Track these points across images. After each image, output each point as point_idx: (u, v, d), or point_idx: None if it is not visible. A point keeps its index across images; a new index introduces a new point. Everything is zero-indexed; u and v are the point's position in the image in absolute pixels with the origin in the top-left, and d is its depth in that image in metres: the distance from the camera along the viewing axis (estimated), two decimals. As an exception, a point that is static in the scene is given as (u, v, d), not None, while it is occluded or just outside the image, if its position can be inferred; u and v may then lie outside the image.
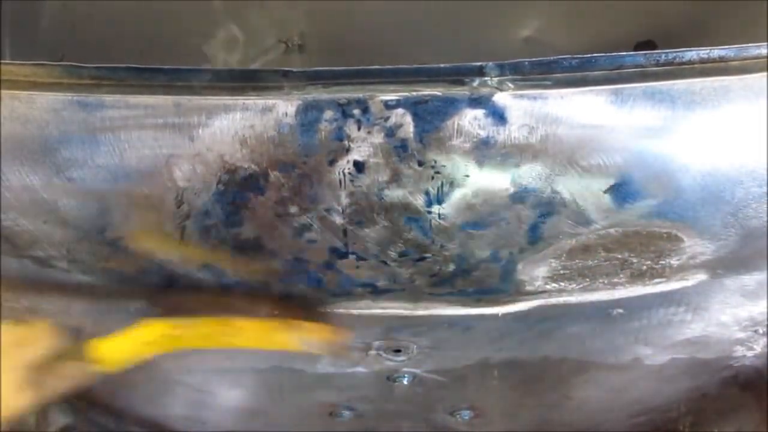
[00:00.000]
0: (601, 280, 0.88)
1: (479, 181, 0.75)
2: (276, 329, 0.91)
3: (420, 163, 0.74)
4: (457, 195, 0.76)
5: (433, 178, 0.75)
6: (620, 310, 0.96)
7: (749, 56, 0.72)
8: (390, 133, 0.72)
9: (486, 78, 0.71)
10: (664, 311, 0.99)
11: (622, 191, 0.76)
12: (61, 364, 0.86)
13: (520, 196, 0.76)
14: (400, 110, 0.71)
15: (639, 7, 1.62)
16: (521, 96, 0.71)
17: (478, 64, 0.71)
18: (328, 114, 0.72)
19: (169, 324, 0.91)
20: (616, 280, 0.88)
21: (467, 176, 0.74)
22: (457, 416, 1.29)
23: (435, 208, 0.77)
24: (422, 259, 0.82)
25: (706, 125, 0.73)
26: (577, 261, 0.84)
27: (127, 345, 0.89)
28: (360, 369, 1.11)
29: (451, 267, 0.83)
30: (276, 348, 0.94)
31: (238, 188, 0.76)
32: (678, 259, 0.85)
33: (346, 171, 0.74)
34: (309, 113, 0.72)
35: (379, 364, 1.09)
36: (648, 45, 1.64)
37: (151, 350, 0.91)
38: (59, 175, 0.77)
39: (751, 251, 0.87)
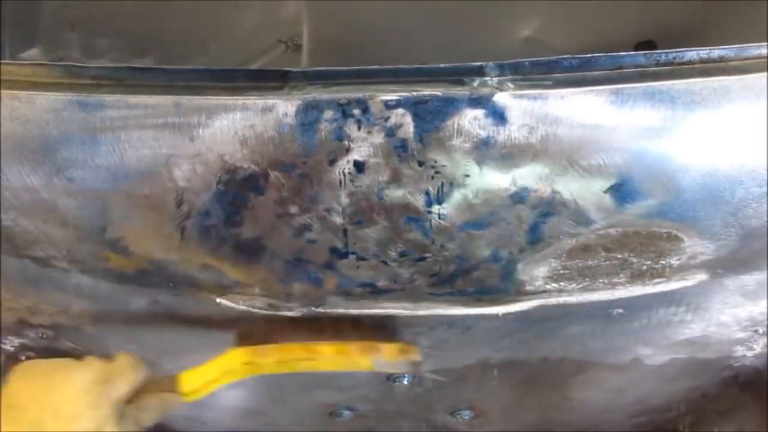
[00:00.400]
0: (601, 280, 0.88)
1: (479, 181, 0.75)
2: (353, 352, 0.93)
3: (420, 163, 0.74)
4: (457, 195, 0.76)
5: (433, 178, 0.75)
6: (620, 310, 0.96)
7: (749, 56, 0.72)
8: (390, 133, 0.72)
9: (486, 78, 0.71)
10: (664, 311, 0.98)
11: (622, 191, 0.76)
12: (147, 397, 0.86)
13: (520, 196, 0.76)
14: (400, 110, 0.71)
15: (639, 7, 1.62)
16: (521, 96, 0.71)
17: (478, 64, 0.71)
18: (328, 114, 0.72)
19: (252, 352, 0.92)
20: (616, 280, 0.88)
21: (467, 176, 0.74)
22: (457, 416, 1.29)
23: (435, 208, 0.77)
24: (422, 259, 0.82)
25: (706, 125, 0.73)
26: (577, 261, 0.84)
27: (211, 374, 0.90)
28: (360, 369, 1.11)
29: (451, 267, 0.83)
30: (353, 369, 0.96)
31: (238, 188, 0.76)
32: (678, 259, 0.85)
33: (346, 171, 0.74)
34: (309, 113, 0.72)
35: (379, 364, 1.09)
36: (648, 45, 1.64)
37: (233, 378, 0.92)
38: (59, 175, 0.77)
39: (751, 251, 0.87)
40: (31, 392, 0.81)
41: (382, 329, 0.94)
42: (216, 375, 0.90)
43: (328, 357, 0.93)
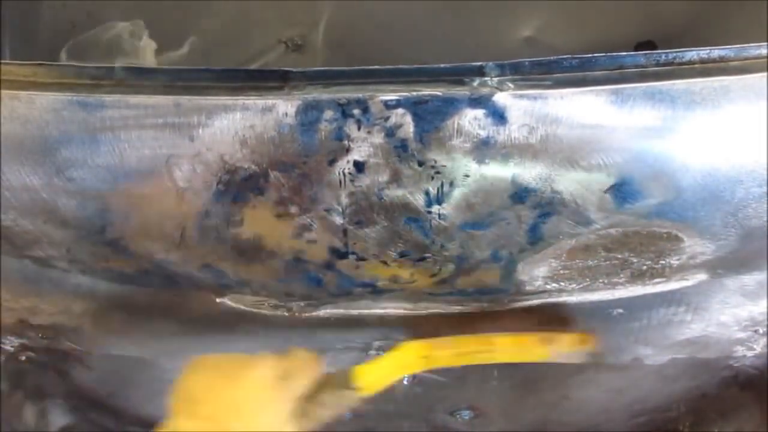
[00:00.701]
0: (601, 280, 0.88)
1: (479, 181, 0.75)
2: (532, 343, 0.92)
3: (420, 163, 0.74)
4: (457, 195, 0.76)
5: (433, 178, 0.75)
6: (620, 310, 0.96)
7: (749, 56, 0.72)
8: (390, 133, 0.72)
9: (486, 78, 0.71)
10: (664, 311, 0.99)
11: (622, 191, 0.76)
12: (326, 393, 0.85)
13: (520, 196, 0.76)
14: (400, 110, 0.71)
15: (639, 7, 1.62)
16: (521, 96, 0.71)
17: (478, 64, 0.71)
18: (328, 114, 0.72)
19: (428, 345, 0.91)
20: (616, 280, 0.88)
21: (467, 176, 0.74)
22: (457, 416, 1.29)
23: (435, 208, 0.77)
24: (422, 259, 0.82)
25: (706, 125, 0.73)
26: (577, 261, 0.84)
27: (387, 369, 0.89)
28: (360, 369, 1.11)
29: (451, 267, 0.83)
30: (530, 361, 0.94)
31: (238, 188, 0.76)
32: (678, 259, 0.85)
33: (346, 171, 0.74)
34: (309, 113, 0.72)
35: (379, 364, 1.09)
36: (648, 45, 1.64)
37: (408, 371, 0.92)
38: (59, 175, 0.77)
39: (751, 251, 0.87)
40: (208, 386, 0.79)
41: (558, 318, 0.93)
42: (391, 369, 0.89)
43: (505, 348, 0.92)
